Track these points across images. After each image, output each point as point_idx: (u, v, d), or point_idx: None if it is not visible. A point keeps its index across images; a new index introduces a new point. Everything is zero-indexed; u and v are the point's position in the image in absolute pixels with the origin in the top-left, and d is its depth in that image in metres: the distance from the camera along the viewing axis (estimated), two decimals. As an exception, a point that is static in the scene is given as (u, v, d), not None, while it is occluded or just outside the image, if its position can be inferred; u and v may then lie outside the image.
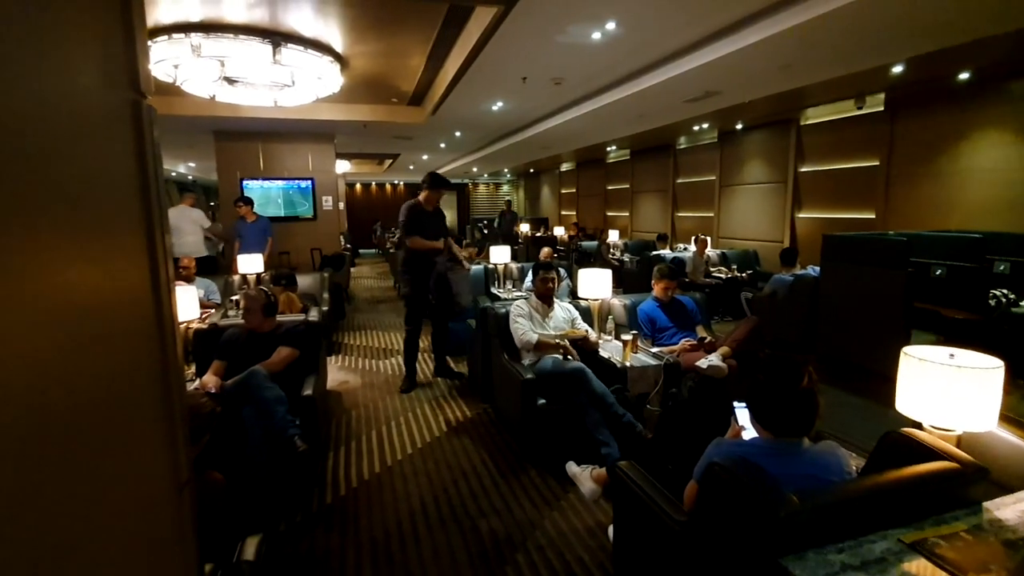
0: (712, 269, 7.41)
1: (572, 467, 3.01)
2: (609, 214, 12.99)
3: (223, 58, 3.87)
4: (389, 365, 5.24)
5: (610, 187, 12.93)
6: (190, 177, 15.26)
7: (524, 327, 3.46)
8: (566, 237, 12.17)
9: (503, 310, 3.69)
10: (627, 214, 12.07)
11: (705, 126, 8.33)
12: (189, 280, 5.15)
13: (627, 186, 11.95)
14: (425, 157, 12.56)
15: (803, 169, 7.42)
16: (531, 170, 16.87)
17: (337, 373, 5.01)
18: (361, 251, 16.49)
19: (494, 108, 6.72)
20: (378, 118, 7.17)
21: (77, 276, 0.63)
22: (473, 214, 20.26)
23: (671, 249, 8.88)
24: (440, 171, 16.09)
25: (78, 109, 0.64)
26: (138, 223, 0.76)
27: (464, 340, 4.95)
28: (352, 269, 10.98)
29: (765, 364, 1.53)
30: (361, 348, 5.90)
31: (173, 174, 14.52)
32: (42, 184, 0.57)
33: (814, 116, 7.16)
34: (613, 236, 10.40)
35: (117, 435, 0.71)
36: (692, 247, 7.72)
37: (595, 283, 3.81)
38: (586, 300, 3.87)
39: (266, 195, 8.15)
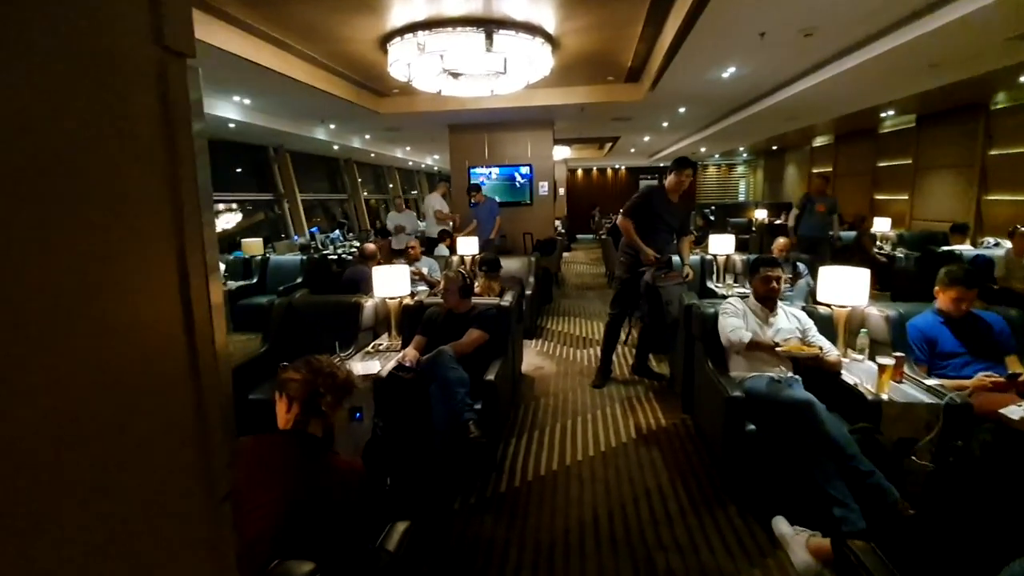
0: (1042, 273, 5.27)
1: (781, 525, 2.34)
2: (878, 197, 10.45)
3: (443, 52, 4.10)
4: (587, 355, 5.06)
5: (882, 163, 10.36)
6: (436, 168, 17.48)
7: (734, 324, 2.86)
8: (814, 225, 10.23)
9: (711, 309, 3.13)
10: (905, 197, 9.51)
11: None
12: (416, 259, 5.78)
13: (908, 161, 9.39)
14: (647, 139, 11.92)
15: None
16: (773, 147, 14.67)
17: (534, 357, 5.03)
18: (579, 236, 16.70)
19: (724, 75, 5.85)
20: (594, 99, 6.95)
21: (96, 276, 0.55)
22: (700, 199, 18.70)
23: (973, 245, 6.65)
24: (664, 152, 15.29)
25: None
26: (159, 218, 0.65)
27: (669, 336, 4.44)
28: (566, 254, 11.14)
29: None
30: (562, 334, 5.85)
31: (423, 165, 16.83)
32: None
33: None
34: (881, 225, 8.33)
35: (139, 450, 0.62)
36: (1007, 243, 5.63)
37: (845, 284, 2.95)
38: (829, 307, 3.03)
39: (489, 181, 8.72)
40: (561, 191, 15.45)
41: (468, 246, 6.26)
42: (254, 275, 6.53)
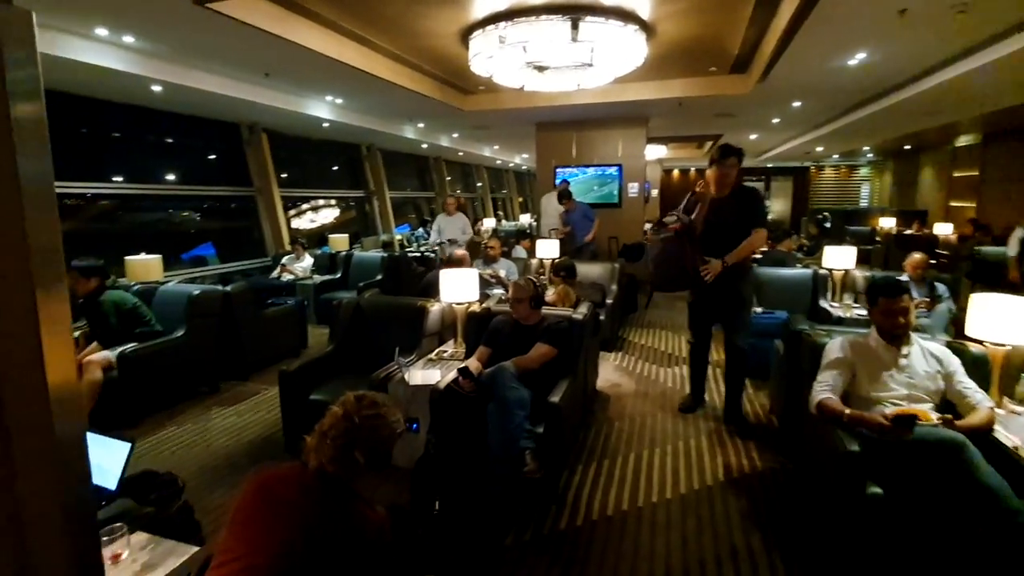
0: None
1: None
2: (1041, 206, 8.75)
3: (525, 43, 3.85)
4: (672, 375, 4.57)
5: (1047, 166, 8.67)
6: (525, 168, 17.36)
7: (824, 382, 2.33)
8: (954, 238, 8.80)
9: (824, 339, 2.59)
10: (1079, 206, 7.87)
11: None
12: (495, 260, 5.59)
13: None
14: (753, 137, 10.91)
15: None
16: (905, 147, 12.89)
17: (611, 373, 4.64)
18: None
19: (850, 63, 5.06)
20: (694, 92, 6.37)
21: None
22: (813, 204, 16.97)
23: None
24: (773, 151, 13.98)
25: None
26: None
27: (769, 359, 3.86)
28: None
29: None
30: (646, 348, 5.38)
31: (511, 164, 16.77)
32: None
33: None
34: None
35: None
36: None
37: (1002, 314, 2.31)
38: (982, 343, 2.40)
39: (574, 181, 8.38)
40: (654, 193, 14.71)
41: (548, 249, 5.97)
42: (338, 270, 6.71)
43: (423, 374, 3.08)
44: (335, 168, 10.13)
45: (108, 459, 1.94)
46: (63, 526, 0.48)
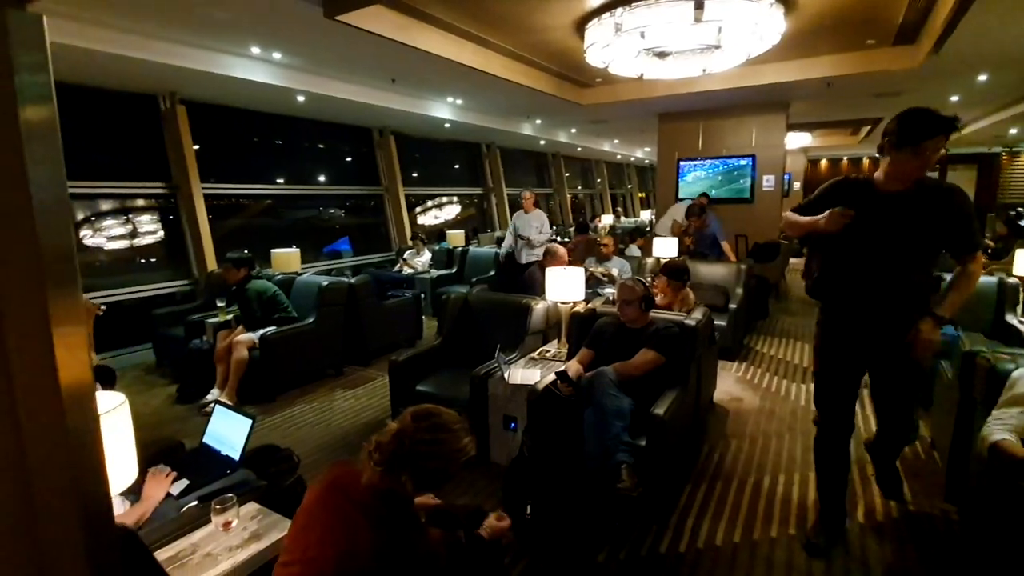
0: None
1: None
2: None
3: (643, 28, 3.61)
4: (806, 392, 4.04)
5: None
6: (647, 162, 16.64)
7: (1003, 419, 1.83)
8: None
9: (1007, 366, 2.07)
10: None
11: None
12: (607, 259, 5.39)
13: None
14: (923, 119, 9.29)
15: None
16: None
17: (732, 385, 4.22)
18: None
19: (1064, 20, 4.05)
20: (847, 70, 5.56)
21: None
22: (1003, 198, 14.13)
23: None
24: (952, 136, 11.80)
25: None
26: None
27: (932, 383, 3.22)
28: (794, 260, 9.43)
29: None
30: (774, 360, 4.83)
31: (632, 159, 16.18)
32: None
33: None
34: None
35: None
36: None
37: None
38: None
39: (696, 176, 7.81)
40: (796, 186, 13.28)
41: (665, 248, 5.63)
42: (455, 265, 6.96)
43: (523, 373, 3.03)
44: (456, 166, 10.55)
45: (234, 432, 2.15)
46: (78, 524, 0.47)
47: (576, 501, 2.42)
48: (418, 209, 9.50)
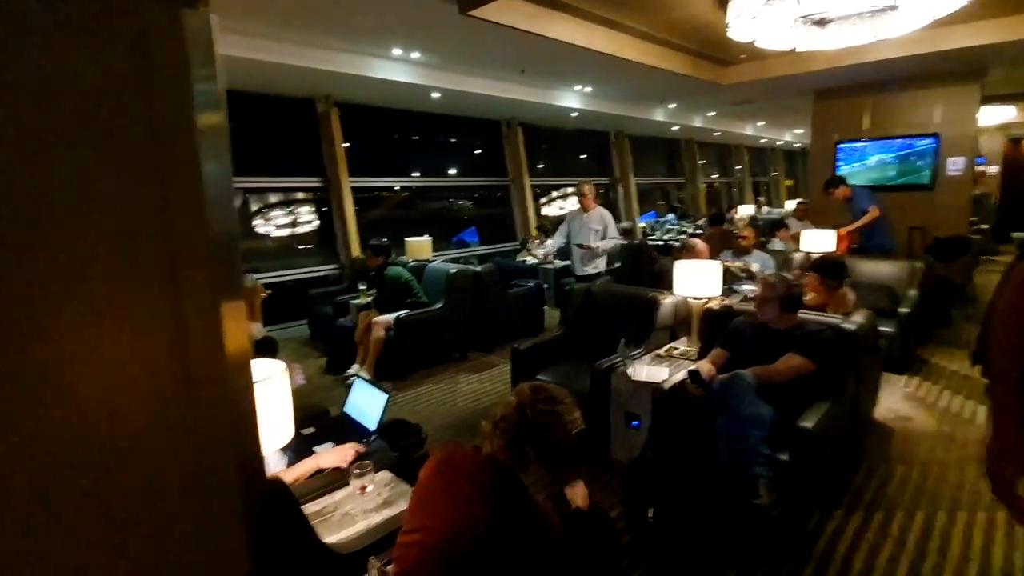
0: None
1: None
2: None
3: (802, -10, 3.19)
4: (996, 417, 3.34)
5: None
6: (797, 145, 14.98)
7: None
8: None
9: None
10: None
11: None
12: (746, 252, 4.93)
13: None
14: None
15: None
16: None
17: (899, 402, 3.63)
18: (1014, 235, 11.68)
19: None
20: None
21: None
22: None
23: None
24: None
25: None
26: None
27: None
28: (986, 257, 7.89)
29: None
30: (955, 376, 4.06)
31: (778, 143, 14.66)
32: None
33: None
34: None
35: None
36: None
37: None
38: None
39: (864, 161, 6.82)
40: (992, 170, 11.07)
41: (819, 242, 5.00)
42: (578, 256, 6.87)
43: (648, 370, 2.88)
44: (582, 156, 10.40)
45: (370, 405, 2.32)
46: (238, 482, 0.51)
47: (703, 511, 2.24)
48: (543, 200, 9.55)
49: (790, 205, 12.39)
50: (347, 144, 6.32)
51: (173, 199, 0.47)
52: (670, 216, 10.37)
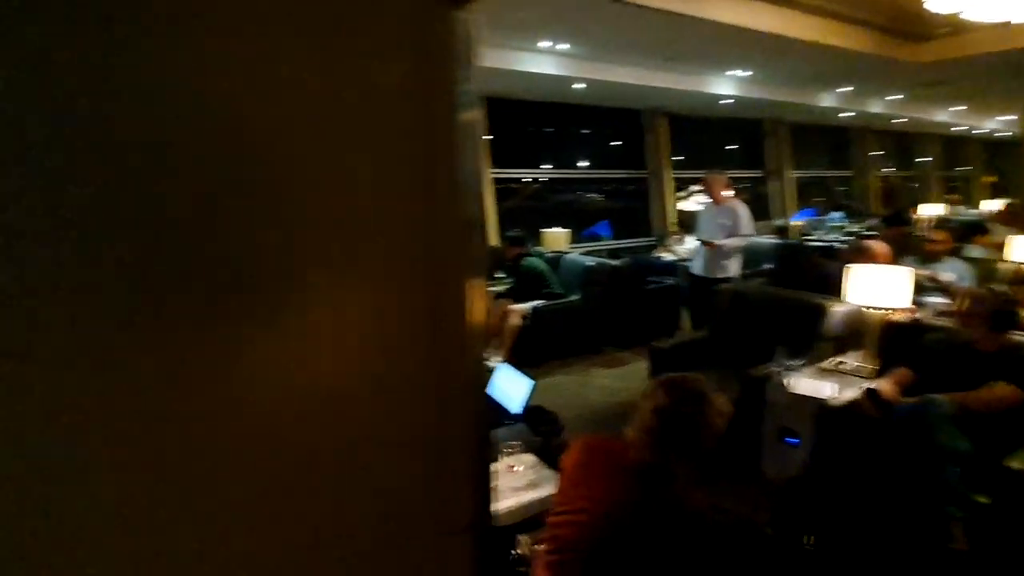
0: None
1: None
2: None
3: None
4: None
5: None
6: (1003, 134, 12.45)
7: None
8: None
9: None
10: None
11: None
12: (936, 259, 4.22)
13: None
14: None
15: None
16: None
17: None
18: None
19: None
20: None
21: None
22: None
23: None
24: None
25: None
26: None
27: None
28: None
29: None
30: None
31: (975, 132, 12.31)
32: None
33: None
34: None
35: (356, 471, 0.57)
36: None
37: None
38: None
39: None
40: None
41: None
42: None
43: (811, 384, 2.61)
44: (730, 147, 9.67)
45: (513, 389, 2.41)
46: (470, 440, 0.57)
47: (874, 547, 1.98)
48: (680, 193, 9.06)
49: (990, 205, 10.29)
50: (491, 136, 6.54)
51: (438, 186, 0.51)
52: (835, 214, 9.21)
